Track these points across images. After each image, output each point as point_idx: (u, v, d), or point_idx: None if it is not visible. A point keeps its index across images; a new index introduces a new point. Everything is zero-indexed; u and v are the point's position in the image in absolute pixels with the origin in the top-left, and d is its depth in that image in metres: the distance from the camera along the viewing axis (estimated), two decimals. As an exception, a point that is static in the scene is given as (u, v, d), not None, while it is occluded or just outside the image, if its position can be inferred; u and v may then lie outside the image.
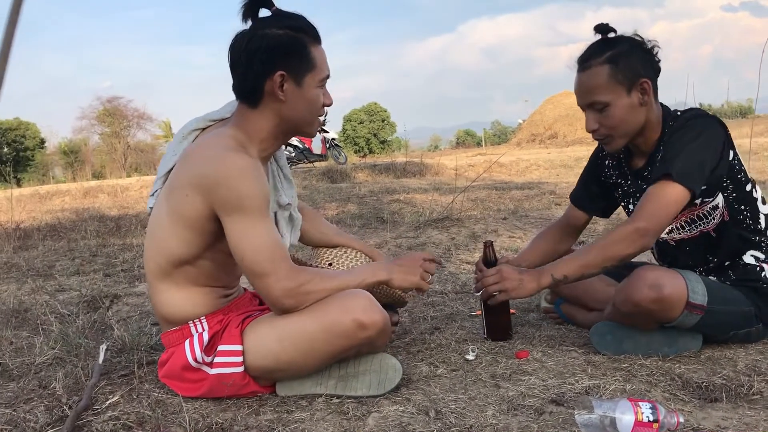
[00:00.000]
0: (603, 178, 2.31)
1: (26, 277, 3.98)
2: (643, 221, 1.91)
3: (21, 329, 2.73)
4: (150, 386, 1.96)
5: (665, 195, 1.91)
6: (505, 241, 4.56)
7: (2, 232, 5.92)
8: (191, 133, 1.97)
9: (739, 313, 2.00)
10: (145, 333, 2.50)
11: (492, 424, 1.60)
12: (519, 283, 2.05)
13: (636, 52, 2.00)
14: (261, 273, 1.71)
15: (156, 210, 1.89)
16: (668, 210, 1.91)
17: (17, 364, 2.24)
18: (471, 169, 12.20)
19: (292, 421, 1.69)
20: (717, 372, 1.88)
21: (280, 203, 2.03)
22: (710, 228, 2.06)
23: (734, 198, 2.04)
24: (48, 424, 1.71)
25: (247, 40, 1.77)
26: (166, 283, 1.86)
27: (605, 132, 2.04)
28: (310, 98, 1.83)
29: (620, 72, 1.97)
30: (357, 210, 6.54)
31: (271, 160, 2.04)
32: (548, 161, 13.36)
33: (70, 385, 1.97)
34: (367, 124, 42.36)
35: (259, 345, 1.80)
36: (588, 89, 2.02)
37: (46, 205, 9.61)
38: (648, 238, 1.92)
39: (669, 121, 2.05)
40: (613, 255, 1.95)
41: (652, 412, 1.52)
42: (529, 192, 7.66)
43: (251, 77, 1.78)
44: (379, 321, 1.77)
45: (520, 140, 27.89)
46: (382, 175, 11.39)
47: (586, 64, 2.02)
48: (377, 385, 1.84)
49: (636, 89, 1.99)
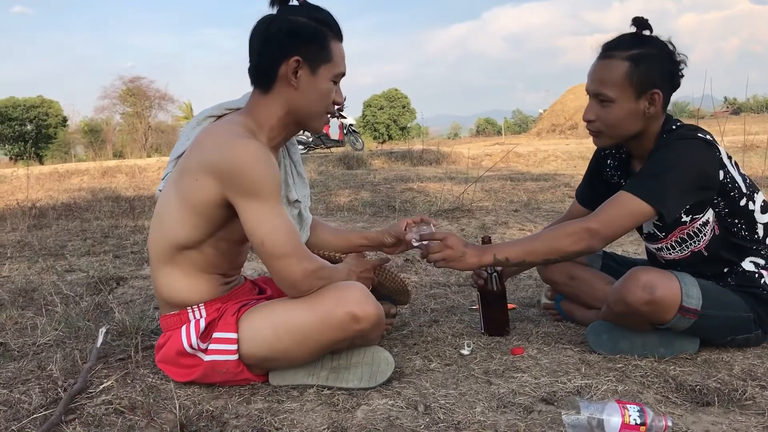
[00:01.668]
0: (605, 176, 2.29)
1: (38, 257, 4.03)
2: (597, 223, 1.92)
3: (27, 309, 2.77)
4: (146, 371, 1.99)
5: (628, 206, 1.91)
6: (515, 233, 4.54)
7: (18, 210, 6.00)
8: (206, 119, 1.98)
9: (737, 318, 1.98)
10: (147, 317, 2.53)
11: (479, 421, 1.60)
12: (461, 255, 2.03)
13: (661, 61, 1.96)
14: (282, 254, 1.71)
15: (164, 193, 1.90)
16: (626, 221, 1.92)
17: (19, 344, 2.27)
18: (488, 158, 12.15)
19: (282, 411, 1.71)
20: (712, 375, 1.87)
21: (290, 199, 2.03)
22: (701, 246, 2.04)
23: (726, 213, 2.01)
24: (42, 406, 1.73)
25: (269, 22, 1.78)
26: (169, 267, 1.87)
27: (599, 126, 2.03)
28: (322, 90, 1.83)
29: (637, 74, 1.94)
30: (370, 197, 6.54)
31: (285, 154, 2.05)
32: (566, 152, 13.24)
33: (67, 368, 2.00)
34: (387, 110, 42.22)
35: (253, 334, 1.81)
36: (599, 79, 1.99)
37: (64, 183, 9.71)
38: (596, 240, 1.93)
39: (663, 134, 2.02)
40: (558, 248, 1.96)
41: (639, 415, 1.51)
42: (543, 184, 7.61)
43: (267, 59, 1.78)
44: (373, 314, 1.78)
45: (540, 130, 27.69)
46: (398, 163, 11.36)
47: (608, 53, 1.99)
48: (369, 377, 1.85)
49: (645, 97, 1.96)
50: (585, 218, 1.96)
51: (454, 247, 2.04)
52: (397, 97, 42.96)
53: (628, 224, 1.93)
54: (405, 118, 42.57)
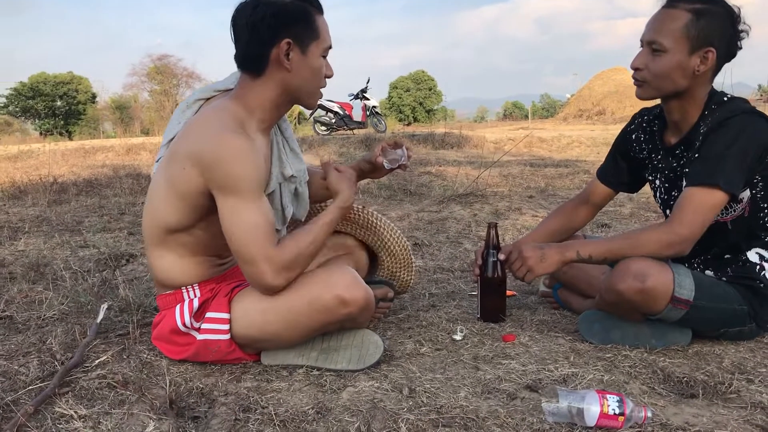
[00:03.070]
0: (632, 153, 2.27)
1: (54, 232, 4.12)
2: (684, 227, 1.88)
3: (38, 284, 2.84)
4: (142, 347, 2.04)
5: (706, 200, 1.87)
6: (528, 220, 4.53)
7: (41, 185, 6.10)
8: (195, 103, 2.00)
9: (730, 311, 1.96)
10: (151, 294, 2.57)
11: (462, 406, 1.62)
12: (541, 258, 2.03)
13: (724, 22, 1.92)
14: (248, 259, 1.74)
15: (155, 178, 1.93)
16: (708, 216, 1.89)
17: (25, 317, 2.34)
18: (510, 143, 12.08)
19: (270, 390, 1.74)
20: (701, 368, 1.86)
21: (285, 175, 2.05)
22: (728, 218, 2.01)
23: (761, 196, 1.98)
24: (38, 378, 1.79)
25: (253, 8, 1.78)
26: (161, 249, 1.91)
27: (645, 76, 1.99)
28: (314, 67, 1.84)
29: (697, 28, 1.89)
30: (386, 180, 6.55)
31: (276, 131, 2.07)
32: (591, 138, 13.12)
33: (68, 342, 2.06)
34: (413, 92, 42.07)
35: (245, 315, 1.84)
36: (658, 27, 1.95)
37: (88, 160, 9.83)
38: (687, 245, 1.90)
39: (711, 104, 1.98)
40: (646, 252, 1.92)
41: (618, 405, 1.52)
42: (563, 170, 7.57)
43: (257, 45, 1.79)
44: (360, 298, 1.80)
45: (567, 115, 27.44)
46: (420, 146, 11.34)
47: (673, 3, 1.95)
48: (357, 360, 1.88)
49: (698, 54, 1.92)
50: (669, 223, 1.91)
51: (532, 254, 2.05)
52: (424, 79, 42.78)
53: (711, 217, 1.90)
54: (431, 101, 42.40)
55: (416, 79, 42.65)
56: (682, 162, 2.04)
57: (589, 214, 2.41)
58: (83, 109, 38.53)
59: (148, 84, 38.70)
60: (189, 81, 38.71)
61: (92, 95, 40.01)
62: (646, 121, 2.22)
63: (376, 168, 2.21)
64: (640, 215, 4.66)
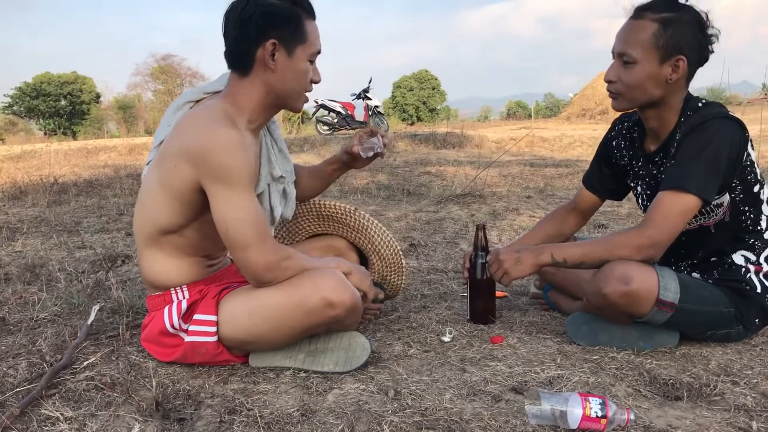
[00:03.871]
0: (614, 159, 2.28)
1: (52, 233, 4.13)
2: (655, 231, 1.89)
3: (32, 285, 2.85)
4: (131, 349, 2.05)
5: (677, 204, 1.88)
6: (525, 220, 4.53)
7: (41, 186, 6.13)
8: (185, 105, 2.01)
9: (717, 313, 1.96)
10: (145, 295, 2.58)
11: (446, 408, 1.63)
12: (516, 261, 2.06)
13: (692, 29, 1.92)
14: (244, 245, 1.75)
15: (147, 179, 1.94)
16: (679, 221, 1.89)
17: (17, 319, 2.35)
18: (512, 142, 12.06)
19: (256, 392, 1.75)
20: (687, 370, 1.87)
21: (274, 175, 2.06)
22: (711, 223, 2.02)
23: (740, 200, 1.99)
24: (26, 380, 1.80)
25: (242, 7, 1.80)
26: (152, 250, 1.92)
27: (619, 88, 2.00)
28: (299, 71, 1.85)
29: (665, 38, 1.90)
30: (386, 180, 6.56)
31: (265, 132, 2.08)
32: (592, 138, 13.09)
33: (58, 344, 2.07)
34: (416, 91, 42.05)
35: (232, 317, 1.85)
36: (626, 39, 1.96)
37: (90, 160, 9.85)
38: (658, 249, 1.91)
39: (687, 110, 1.99)
40: (619, 256, 1.93)
41: (601, 408, 1.52)
42: (563, 170, 7.56)
43: (244, 43, 1.80)
44: (347, 301, 1.81)
45: (570, 114, 27.34)
46: (421, 145, 11.33)
47: (639, 14, 1.96)
48: (344, 362, 1.88)
49: (669, 63, 1.93)
50: (642, 227, 1.92)
51: (507, 257, 2.08)
52: (427, 78, 42.75)
53: (683, 221, 1.90)
54: (434, 100, 42.37)
55: (419, 78, 42.61)
56: (661, 169, 2.04)
57: (578, 221, 2.43)
58: (87, 109, 38.58)
59: (152, 84, 38.75)
60: (193, 81, 38.72)
61: (96, 95, 40.07)
62: (626, 128, 2.23)
63: (354, 158, 2.23)
64: (637, 216, 4.66)
